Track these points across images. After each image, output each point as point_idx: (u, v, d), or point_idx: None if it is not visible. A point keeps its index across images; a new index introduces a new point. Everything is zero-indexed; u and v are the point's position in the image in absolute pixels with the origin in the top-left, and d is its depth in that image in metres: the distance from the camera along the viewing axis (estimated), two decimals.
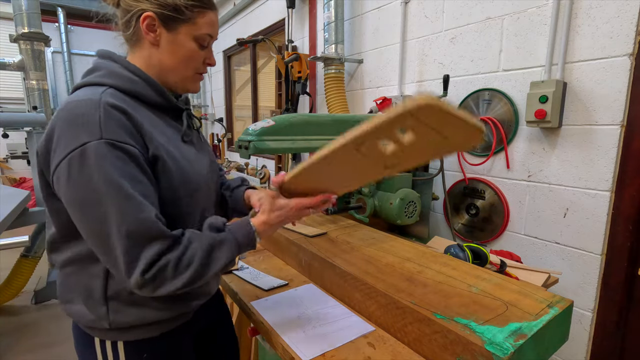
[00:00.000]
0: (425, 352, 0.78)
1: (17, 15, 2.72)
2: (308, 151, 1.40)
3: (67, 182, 0.63)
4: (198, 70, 0.81)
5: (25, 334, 2.43)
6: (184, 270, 0.67)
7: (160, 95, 0.77)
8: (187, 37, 0.76)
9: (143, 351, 0.80)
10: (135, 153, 0.66)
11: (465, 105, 1.74)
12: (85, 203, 0.63)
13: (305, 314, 0.96)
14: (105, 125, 0.63)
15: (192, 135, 0.85)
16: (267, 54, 3.83)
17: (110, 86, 0.71)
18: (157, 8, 0.73)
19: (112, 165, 0.62)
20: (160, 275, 0.65)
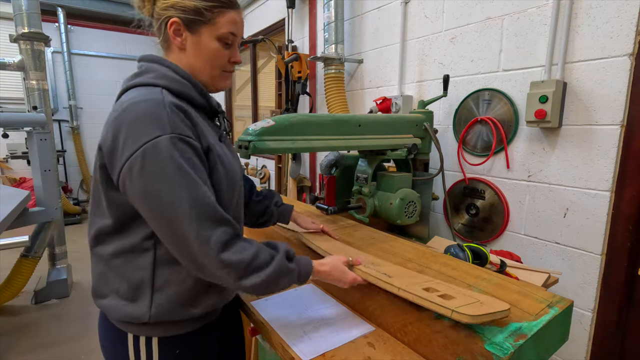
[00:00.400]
0: (425, 352, 0.78)
1: (17, 15, 2.72)
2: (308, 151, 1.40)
3: (141, 171, 0.67)
4: (225, 69, 0.86)
5: (25, 334, 2.43)
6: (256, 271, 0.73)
7: (203, 97, 0.83)
8: (210, 38, 0.81)
9: (176, 347, 0.82)
10: (197, 146, 0.73)
11: (465, 105, 1.74)
12: (158, 191, 0.68)
13: (305, 314, 0.96)
14: (173, 122, 0.70)
15: (226, 138, 0.91)
16: (267, 54, 3.83)
17: (162, 87, 0.77)
18: (180, 13, 0.78)
19: (182, 157, 0.69)
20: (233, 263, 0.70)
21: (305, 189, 3.08)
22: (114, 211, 0.76)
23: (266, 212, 1.15)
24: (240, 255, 0.71)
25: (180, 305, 0.78)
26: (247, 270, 0.72)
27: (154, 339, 0.80)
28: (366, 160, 1.51)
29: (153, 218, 0.70)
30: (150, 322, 0.77)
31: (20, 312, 2.72)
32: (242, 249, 0.72)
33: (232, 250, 0.71)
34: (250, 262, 0.72)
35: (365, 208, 1.49)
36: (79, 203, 5.30)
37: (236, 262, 0.70)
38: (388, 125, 1.47)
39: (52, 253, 3.03)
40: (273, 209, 1.16)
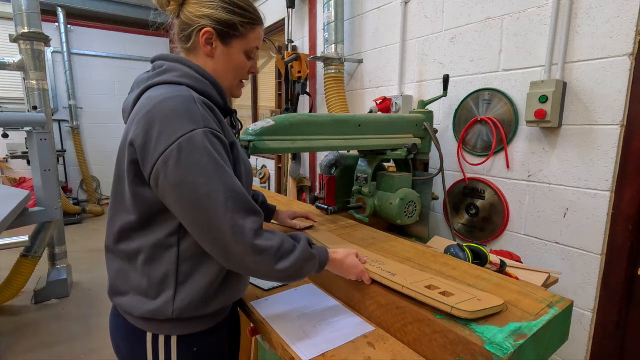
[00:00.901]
0: (425, 352, 0.78)
1: (17, 15, 2.72)
2: (308, 151, 1.40)
3: (177, 164, 0.69)
4: (243, 78, 0.92)
5: (25, 334, 2.43)
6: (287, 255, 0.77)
7: (222, 97, 0.86)
8: (239, 51, 0.86)
9: (194, 345, 0.83)
10: (225, 142, 0.77)
11: (465, 105, 1.74)
12: (194, 182, 0.69)
13: (305, 314, 0.96)
14: (204, 117, 0.73)
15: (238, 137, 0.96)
16: (267, 54, 3.83)
17: (187, 86, 0.79)
18: (216, 25, 0.82)
19: (215, 150, 0.72)
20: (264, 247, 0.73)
21: (305, 189, 3.08)
22: (139, 207, 0.77)
23: None
24: (271, 242, 0.74)
25: (201, 300, 0.79)
26: (278, 256, 0.75)
27: (172, 337, 0.81)
28: (366, 160, 1.51)
29: (188, 211, 0.71)
30: (173, 317, 0.78)
31: (20, 312, 2.72)
32: (270, 237, 0.75)
33: (264, 238, 0.74)
34: (279, 248, 0.75)
35: (365, 208, 1.49)
36: (79, 203, 5.29)
37: (269, 248, 0.74)
38: (388, 125, 1.47)
39: (52, 253, 3.03)
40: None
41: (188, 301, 0.78)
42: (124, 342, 0.84)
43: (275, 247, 0.75)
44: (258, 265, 0.74)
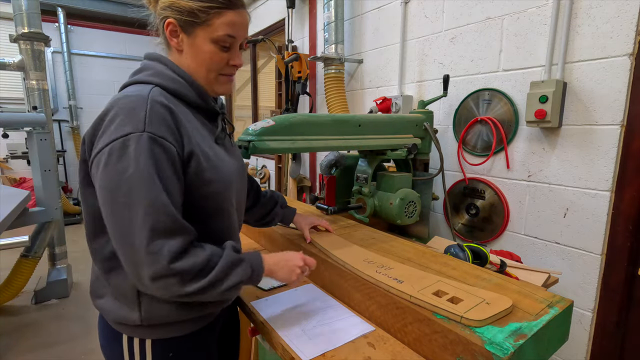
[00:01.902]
0: (425, 352, 0.78)
1: (17, 15, 2.72)
2: (308, 151, 1.40)
3: (105, 168, 0.66)
4: (222, 72, 0.81)
5: (25, 334, 2.43)
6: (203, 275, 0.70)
7: (200, 96, 0.81)
8: (205, 40, 0.77)
9: (169, 350, 0.81)
10: (171, 150, 0.69)
11: (465, 105, 1.74)
12: (116, 190, 0.65)
13: (305, 314, 0.96)
14: (150, 120, 0.67)
15: (224, 139, 0.88)
16: (267, 54, 3.83)
17: (156, 85, 0.75)
18: (176, 14, 0.76)
19: (149, 158, 0.65)
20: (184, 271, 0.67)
21: (305, 189, 3.08)
22: (89, 209, 0.76)
23: (271, 212, 1.19)
24: (194, 260, 0.68)
25: (170, 308, 0.77)
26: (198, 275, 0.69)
27: (147, 341, 0.79)
28: (366, 160, 1.51)
29: (106, 216, 0.68)
30: (143, 324, 0.76)
31: (20, 312, 2.72)
32: (194, 255, 0.69)
33: (184, 259, 0.67)
34: (203, 265, 0.69)
35: (365, 208, 1.49)
36: (79, 203, 5.29)
37: (188, 269, 0.67)
38: (388, 125, 1.47)
39: (52, 253, 3.03)
40: (278, 211, 1.20)
41: (155, 310, 0.76)
42: (105, 342, 0.84)
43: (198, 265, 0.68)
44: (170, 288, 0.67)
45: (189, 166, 0.73)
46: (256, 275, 0.79)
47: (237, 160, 0.91)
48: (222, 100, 0.95)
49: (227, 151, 0.88)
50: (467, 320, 0.72)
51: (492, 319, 0.73)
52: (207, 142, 0.79)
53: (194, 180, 0.74)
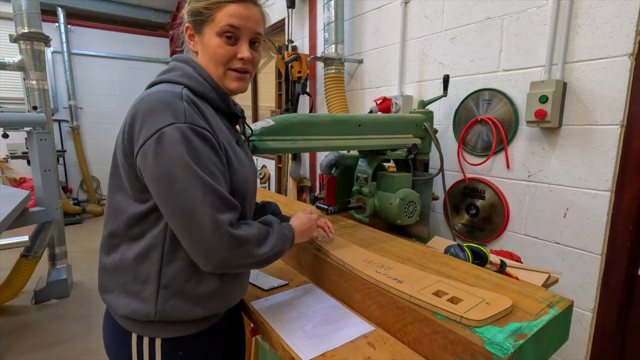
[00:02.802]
0: (425, 352, 0.78)
1: (17, 15, 2.72)
2: (308, 151, 1.40)
3: (155, 157, 0.68)
4: (229, 66, 0.83)
5: (25, 334, 2.43)
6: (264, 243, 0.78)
7: (223, 100, 0.84)
8: (211, 35, 0.80)
9: (179, 349, 0.81)
10: (212, 139, 0.74)
11: (465, 105, 1.74)
12: (172, 175, 0.68)
13: (305, 314, 0.96)
14: (189, 113, 0.71)
15: (243, 142, 0.91)
16: (267, 54, 3.83)
17: (184, 85, 0.78)
18: (190, 18, 0.81)
19: (195, 145, 0.70)
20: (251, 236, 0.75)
21: (305, 189, 3.08)
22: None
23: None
24: (250, 230, 0.76)
25: (184, 305, 0.78)
26: (257, 243, 0.77)
27: (157, 340, 0.79)
28: (366, 160, 1.51)
29: (166, 205, 0.71)
30: (156, 319, 0.76)
31: (20, 312, 2.72)
32: (248, 227, 0.77)
33: (242, 229, 0.75)
34: (259, 233, 0.78)
35: (365, 208, 1.49)
36: (79, 203, 5.29)
37: (249, 236, 0.75)
38: (388, 125, 1.47)
39: (52, 253, 3.03)
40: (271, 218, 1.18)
41: (171, 304, 0.77)
42: (111, 342, 0.84)
43: (256, 234, 0.77)
44: (239, 257, 0.75)
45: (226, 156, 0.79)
46: (291, 243, 0.90)
47: (253, 164, 0.95)
48: (240, 107, 0.97)
49: (247, 154, 0.92)
50: (467, 320, 0.72)
51: (492, 319, 0.73)
52: (231, 143, 0.83)
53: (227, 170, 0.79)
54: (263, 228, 0.81)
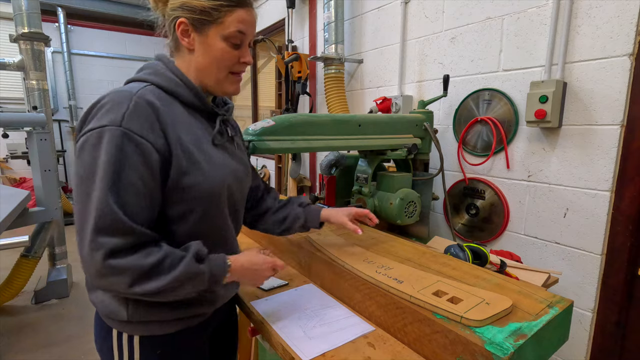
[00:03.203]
0: (425, 352, 0.78)
1: (17, 15, 2.72)
2: (308, 151, 1.40)
3: (79, 156, 0.68)
4: (232, 70, 0.82)
5: (25, 334, 2.43)
6: (151, 278, 0.67)
7: (196, 96, 0.81)
8: (217, 38, 0.78)
9: (157, 347, 0.81)
10: (146, 147, 0.69)
11: (465, 105, 1.74)
12: (82, 179, 0.66)
13: (305, 314, 0.96)
14: (130, 116, 0.68)
15: (224, 141, 0.86)
16: (267, 54, 3.83)
17: (152, 83, 0.77)
18: (188, 13, 0.76)
19: (117, 154, 0.66)
20: (123, 268, 0.65)
21: (305, 189, 3.08)
22: None
23: (288, 216, 1.07)
24: (138, 261, 0.66)
25: (150, 309, 0.77)
26: (144, 275, 0.67)
27: (135, 337, 0.79)
28: (366, 160, 1.51)
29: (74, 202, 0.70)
30: (130, 320, 0.76)
31: (20, 312, 2.72)
32: (138, 257, 0.67)
33: (128, 258, 0.66)
34: (150, 266, 0.67)
35: (365, 208, 1.49)
36: None
37: (130, 267, 0.65)
38: (388, 125, 1.47)
39: (52, 253, 3.03)
40: (298, 211, 1.07)
41: (140, 307, 0.76)
42: (98, 337, 0.85)
43: (139, 268, 0.66)
44: (114, 286, 0.67)
45: (170, 165, 0.72)
46: (214, 283, 0.75)
47: (240, 164, 0.90)
48: (232, 105, 0.94)
49: (229, 154, 0.87)
50: (467, 320, 0.73)
51: (492, 319, 0.73)
52: (201, 143, 0.78)
53: (176, 179, 0.73)
54: (164, 260, 0.68)
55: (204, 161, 0.77)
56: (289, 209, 1.09)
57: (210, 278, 0.74)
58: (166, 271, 0.68)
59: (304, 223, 1.07)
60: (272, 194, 1.13)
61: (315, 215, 1.08)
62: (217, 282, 0.75)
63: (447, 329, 0.73)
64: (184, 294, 0.71)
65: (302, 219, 1.07)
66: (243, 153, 0.96)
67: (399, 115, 1.85)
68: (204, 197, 0.77)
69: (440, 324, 0.74)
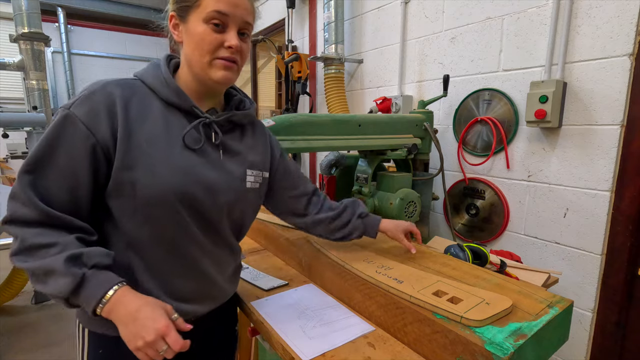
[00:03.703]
0: (425, 352, 0.78)
1: (17, 15, 2.72)
2: (308, 151, 1.40)
3: None
4: (217, 55, 0.75)
5: (26, 334, 2.43)
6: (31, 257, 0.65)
7: (176, 95, 0.77)
8: (197, 22, 0.74)
9: (100, 347, 0.79)
10: (83, 133, 0.68)
11: (465, 105, 1.74)
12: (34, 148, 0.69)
13: (305, 314, 0.96)
14: (82, 102, 0.69)
15: (201, 145, 0.78)
16: (267, 54, 3.83)
17: (138, 78, 0.79)
18: (174, 5, 0.76)
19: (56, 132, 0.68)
20: (12, 235, 0.67)
21: None
22: None
23: (346, 226, 1.05)
24: (24, 235, 0.65)
25: None
26: (23, 251, 0.65)
27: (86, 330, 0.79)
28: (366, 160, 1.51)
29: None
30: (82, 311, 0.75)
31: (20, 312, 2.72)
32: (36, 233, 0.65)
33: (23, 228, 0.66)
34: (31, 246, 0.64)
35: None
36: None
37: (16, 236, 0.66)
38: (388, 125, 1.47)
39: None
40: (356, 224, 1.05)
41: None
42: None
43: (21, 241, 0.65)
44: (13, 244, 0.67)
45: (114, 157, 0.70)
46: (85, 300, 0.64)
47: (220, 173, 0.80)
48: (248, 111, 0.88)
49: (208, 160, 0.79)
50: (467, 320, 0.72)
51: (492, 319, 0.73)
52: (161, 141, 0.73)
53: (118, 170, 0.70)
54: (48, 246, 0.64)
55: (159, 161, 0.72)
56: (346, 217, 1.05)
57: (76, 290, 0.63)
58: (40, 256, 0.64)
59: (361, 234, 1.08)
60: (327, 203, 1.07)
61: (374, 227, 1.07)
62: (87, 302, 0.64)
63: (447, 329, 0.73)
64: (54, 288, 0.63)
65: (360, 230, 1.06)
66: (239, 163, 0.85)
67: (399, 115, 1.85)
68: (151, 198, 0.71)
69: (440, 324, 0.74)
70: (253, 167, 0.88)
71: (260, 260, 1.34)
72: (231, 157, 0.84)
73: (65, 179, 0.69)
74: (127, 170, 0.70)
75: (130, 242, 0.74)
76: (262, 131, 0.95)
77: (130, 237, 0.74)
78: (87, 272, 0.64)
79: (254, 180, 0.88)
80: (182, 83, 0.80)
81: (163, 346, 0.61)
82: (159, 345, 0.61)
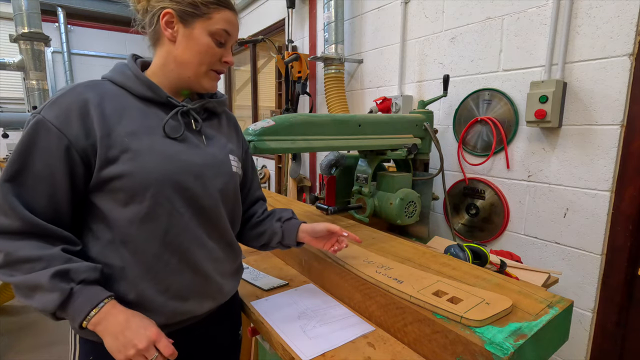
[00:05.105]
0: (425, 352, 0.78)
1: (17, 15, 2.72)
2: (308, 151, 1.40)
3: None
4: (213, 67, 0.82)
5: (26, 333, 2.43)
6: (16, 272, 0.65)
7: (149, 88, 0.78)
8: (203, 32, 0.78)
9: (90, 353, 0.77)
10: (57, 137, 0.68)
11: (465, 105, 1.74)
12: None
13: (305, 314, 0.96)
14: (51, 105, 0.70)
15: (182, 133, 0.79)
16: (267, 54, 3.83)
17: (108, 79, 0.79)
18: (175, 5, 0.77)
19: (30, 138, 0.68)
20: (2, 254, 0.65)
21: (305, 189, 3.09)
22: None
23: (265, 232, 0.99)
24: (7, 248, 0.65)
25: None
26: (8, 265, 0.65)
27: (77, 335, 0.79)
28: (366, 160, 1.51)
29: None
30: None
31: (20, 312, 2.72)
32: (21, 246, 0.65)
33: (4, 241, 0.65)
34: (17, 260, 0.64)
35: (365, 208, 1.49)
36: None
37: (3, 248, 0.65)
38: (388, 125, 1.47)
39: None
40: (275, 227, 0.98)
41: None
42: None
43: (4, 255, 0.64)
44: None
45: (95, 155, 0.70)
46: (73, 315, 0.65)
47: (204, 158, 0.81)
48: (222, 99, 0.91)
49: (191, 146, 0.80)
50: (467, 320, 0.73)
51: (492, 319, 0.73)
52: (142, 133, 0.74)
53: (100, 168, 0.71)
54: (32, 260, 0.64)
55: (143, 151, 0.73)
56: (266, 224, 1.00)
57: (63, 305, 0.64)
58: (25, 270, 0.65)
59: (281, 240, 0.98)
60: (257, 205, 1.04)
61: (292, 232, 0.97)
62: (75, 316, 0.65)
63: (447, 329, 0.73)
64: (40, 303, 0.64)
65: (278, 237, 0.98)
66: (220, 147, 0.87)
67: (399, 115, 1.85)
68: (139, 189, 0.72)
69: (440, 324, 0.74)
70: (233, 153, 0.91)
71: (260, 260, 1.34)
72: (213, 143, 0.87)
73: (43, 183, 0.69)
74: (112, 164, 0.71)
75: (122, 238, 0.73)
76: (235, 123, 0.99)
77: (121, 233, 0.73)
78: (74, 287, 0.65)
79: (237, 166, 0.91)
80: (156, 79, 0.81)
81: (154, 353, 0.65)
82: (150, 353, 0.65)
